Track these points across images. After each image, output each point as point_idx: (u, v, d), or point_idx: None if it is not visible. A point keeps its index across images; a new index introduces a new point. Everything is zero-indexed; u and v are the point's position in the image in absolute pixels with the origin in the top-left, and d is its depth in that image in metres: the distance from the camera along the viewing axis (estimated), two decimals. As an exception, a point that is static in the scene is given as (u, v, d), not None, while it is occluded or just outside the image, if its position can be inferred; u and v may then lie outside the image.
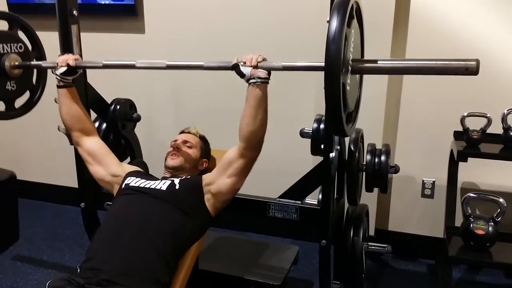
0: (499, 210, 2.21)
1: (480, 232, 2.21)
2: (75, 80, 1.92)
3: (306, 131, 2.16)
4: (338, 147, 2.00)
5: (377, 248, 2.24)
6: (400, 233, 2.82)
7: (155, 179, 1.91)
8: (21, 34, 2.05)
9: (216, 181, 1.78)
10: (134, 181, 1.86)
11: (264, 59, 1.60)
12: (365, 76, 2.54)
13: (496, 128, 2.30)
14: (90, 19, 2.79)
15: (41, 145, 3.40)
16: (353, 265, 2.14)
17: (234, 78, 2.78)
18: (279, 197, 2.10)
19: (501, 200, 2.21)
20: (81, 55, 2.14)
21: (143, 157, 2.50)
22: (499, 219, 2.22)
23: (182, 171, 1.96)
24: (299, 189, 2.08)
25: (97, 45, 2.90)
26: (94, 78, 2.21)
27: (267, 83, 1.60)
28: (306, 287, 2.55)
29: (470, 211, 2.27)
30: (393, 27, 2.47)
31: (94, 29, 2.93)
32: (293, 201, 2.07)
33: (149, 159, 2.49)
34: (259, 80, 1.58)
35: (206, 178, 1.83)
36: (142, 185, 1.83)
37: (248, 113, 1.63)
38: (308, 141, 2.15)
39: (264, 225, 3.03)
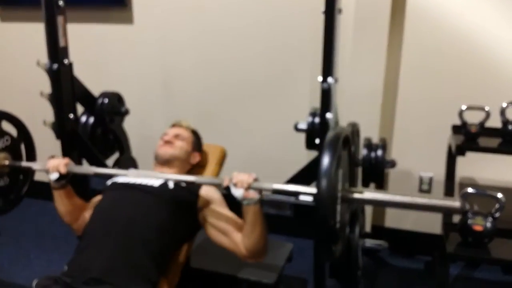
0: (497, 205, 2.17)
1: (478, 228, 2.17)
2: (68, 181, 1.85)
3: (300, 125, 2.11)
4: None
5: (374, 244, 2.20)
6: (397, 229, 2.79)
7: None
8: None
9: (215, 230, 1.76)
10: (122, 178, 1.82)
11: (255, 179, 1.59)
12: (361, 67, 2.51)
13: (495, 122, 2.26)
14: (76, 10, 2.71)
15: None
16: (349, 262, 2.10)
17: (225, 71, 2.75)
18: (273, 193, 2.05)
19: (499, 195, 2.17)
20: (67, 47, 2.08)
21: (132, 152, 2.44)
22: (497, 215, 2.17)
23: (173, 163, 1.91)
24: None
25: (84, 36, 2.83)
26: (81, 71, 2.15)
27: (260, 202, 1.62)
28: (301, 285, 2.52)
29: (468, 207, 2.22)
30: (390, 20, 2.42)
31: (81, 20, 2.86)
32: (287, 197, 2.03)
33: (139, 154, 2.44)
34: (251, 201, 1.59)
35: (206, 208, 1.79)
36: (131, 181, 1.79)
37: (247, 228, 1.65)
38: (302, 135, 2.10)
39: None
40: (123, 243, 1.61)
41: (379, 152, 2.07)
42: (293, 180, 2.03)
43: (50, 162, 1.79)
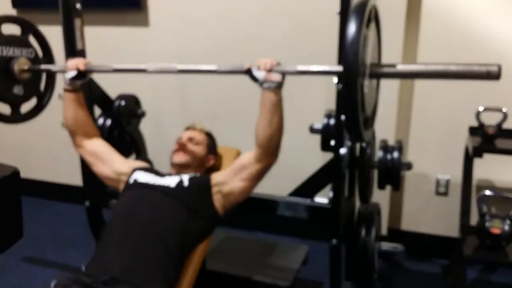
0: (516, 208, 2.14)
1: (496, 231, 2.15)
2: (84, 85, 1.88)
3: (316, 126, 2.10)
4: (349, 143, 1.94)
5: (390, 248, 2.18)
6: (414, 232, 2.76)
7: (163, 175, 1.86)
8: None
9: (228, 183, 1.75)
10: (142, 177, 1.83)
11: (278, 64, 1.57)
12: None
13: (513, 123, 2.23)
14: (93, 13, 2.75)
15: (45, 143, 3.37)
16: (364, 265, 2.09)
17: (240, 75, 2.74)
18: (288, 195, 2.05)
19: (518, 197, 2.15)
20: (84, 50, 2.11)
21: (148, 154, 2.45)
22: (516, 218, 2.15)
23: (189, 168, 1.92)
24: (309, 187, 2.04)
25: (101, 39, 2.86)
26: (98, 74, 2.16)
27: (281, 87, 1.58)
28: (316, 288, 2.50)
29: (485, 210, 2.21)
30: (405, 27, 2.42)
31: (97, 23, 2.89)
32: (302, 199, 2.03)
33: (155, 156, 2.45)
34: (273, 84, 1.56)
35: (215, 177, 1.79)
36: (150, 182, 1.80)
37: (263, 118, 1.61)
38: (318, 137, 2.09)
39: (273, 224, 2.97)
40: (142, 244, 1.61)
41: (395, 154, 2.06)
42: (309, 181, 2.04)
43: (70, 61, 1.82)
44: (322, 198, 2.04)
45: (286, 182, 2.14)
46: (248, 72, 1.57)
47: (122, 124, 2.27)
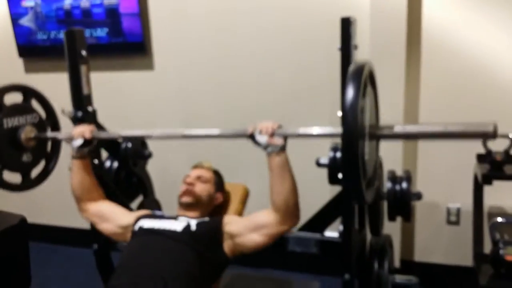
0: (530, 234, 2.12)
1: (511, 258, 2.11)
2: (91, 151, 1.90)
3: (322, 161, 2.10)
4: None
5: (404, 280, 2.14)
6: (427, 263, 2.72)
7: (170, 218, 1.86)
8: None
9: (242, 235, 1.71)
10: (147, 223, 1.82)
11: (279, 126, 1.59)
12: (380, 98, 2.50)
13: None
14: (99, 59, 2.80)
15: (52, 186, 3.36)
16: (379, 299, 2.04)
17: (244, 111, 2.78)
18: (298, 230, 2.03)
19: (531, 223, 2.12)
20: (90, 95, 2.14)
21: (155, 194, 2.45)
22: (530, 244, 2.12)
23: (197, 206, 1.91)
24: (318, 221, 2.02)
25: (107, 83, 2.91)
26: (104, 115, 2.19)
27: (284, 149, 1.59)
28: (330, 325, 2.44)
29: (498, 237, 2.17)
30: (406, 51, 2.44)
31: (103, 68, 2.95)
32: (312, 234, 2.00)
33: (162, 196, 2.45)
34: (276, 148, 1.58)
35: (227, 224, 1.76)
36: (156, 227, 1.79)
37: (275, 183, 1.60)
38: (324, 170, 2.09)
39: (283, 260, 2.93)
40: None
41: (404, 185, 2.04)
42: (319, 215, 2.02)
43: (75, 129, 1.83)
44: (332, 232, 2.01)
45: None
46: (251, 137, 1.60)
47: (129, 165, 2.27)
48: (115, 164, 2.28)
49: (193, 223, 1.78)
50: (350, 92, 1.26)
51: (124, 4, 2.81)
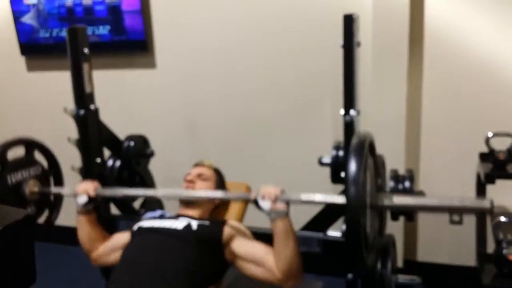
0: (534, 234, 2.10)
1: (514, 258, 2.10)
2: (96, 207, 1.90)
3: (324, 160, 2.09)
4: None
5: (407, 280, 2.13)
6: (430, 263, 2.71)
7: (170, 218, 1.86)
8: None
9: (242, 260, 1.71)
10: (146, 223, 1.83)
11: (282, 191, 1.60)
12: (382, 98, 2.51)
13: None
14: (101, 57, 2.80)
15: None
16: (382, 299, 2.03)
17: (246, 110, 2.77)
18: (300, 229, 2.02)
19: (535, 223, 2.11)
20: (93, 93, 2.13)
21: (158, 193, 2.45)
22: (534, 244, 2.11)
23: (197, 204, 1.91)
24: (321, 220, 2.02)
25: (109, 81, 2.91)
26: (107, 115, 2.19)
27: (288, 215, 1.60)
28: (333, 325, 2.43)
29: (502, 236, 2.16)
30: (409, 49, 2.43)
31: (105, 66, 2.94)
32: (315, 233, 2.00)
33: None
34: (279, 214, 1.58)
35: (230, 237, 1.74)
36: (155, 225, 1.79)
37: (278, 246, 1.61)
38: (327, 169, 2.08)
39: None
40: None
41: (407, 184, 2.03)
42: (321, 214, 2.01)
43: (79, 186, 1.84)
44: (335, 232, 2.01)
45: (297, 216, 2.12)
46: (254, 202, 1.61)
47: (131, 165, 2.27)
48: (118, 163, 2.28)
49: (194, 223, 1.77)
50: (353, 167, 1.36)
51: (126, 1, 2.81)
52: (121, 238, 1.89)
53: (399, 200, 1.54)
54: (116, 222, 2.20)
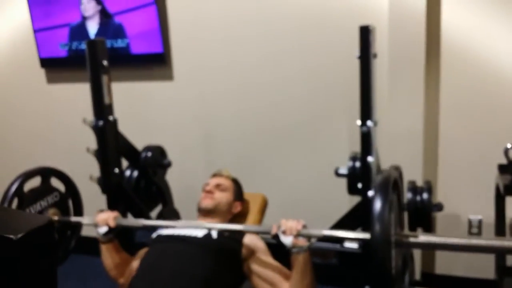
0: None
1: (535, 271, 2.07)
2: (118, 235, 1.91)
3: (341, 171, 2.09)
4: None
5: (425, 293, 2.11)
6: (448, 276, 2.67)
7: (189, 226, 1.86)
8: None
9: (261, 280, 1.72)
10: (165, 231, 1.84)
11: (304, 226, 1.60)
12: (399, 109, 2.49)
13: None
14: (120, 69, 2.84)
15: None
16: (400, 312, 2.01)
17: (263, 120, 2.77)
18: (317, 241, 2.01)
19: (556, 236, 2.07)
20: (111, 104, 2.16)
21: (174, 203, 2.46)
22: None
23: (216, 214, 1.92)
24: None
25: (128, 93, 2.95)
26: (125, 126, 2.22)
27: (308, 249, 1.61)
28: (350, 337, 2.41)
29: (522, 249, 2.12)
30: (425, 60, 2.42)
31: (124, 79, 2.98)
32: (332, 244, 1.99)
33: (181, 205, 2.46)
34: (301, 249, 1.59)
35: (251, 256, 1.76)
36: (175, 233, 1.80)
37: (295, 277, 1.62)
38: (343, 180, 2.07)
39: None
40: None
41: (425, 196, 2.01)
42: (338, 226, 2.00)
43: (99, 216, 1.83)
44: (352, 243, 2.00)
45: (313, 227, 2.11)
46: (275, 237, 1.60)
47: (148, 175, 2.29)
48: (135, 173, 2.30)
49: (214, 232, 1.78)
50: (378, 205, 1.35)
51: (145, 16, 2.85)
52: (143, 253, 1.90)
53: (424, 238, 1.53)
54: (132, 233, 2.22)
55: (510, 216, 2.41)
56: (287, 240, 1.56)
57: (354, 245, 1.98)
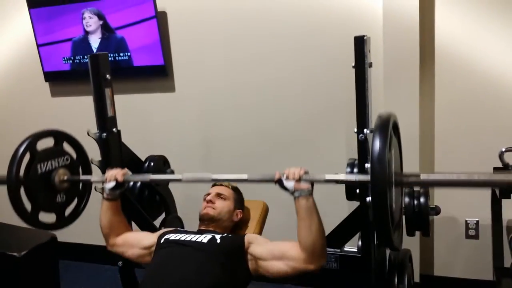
0: (550, 247, 2.11)
1: (532, 272, 2.10)
2: (122, 193, 1.95)
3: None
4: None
5: (424, 294, 2.14)
6: (447, 277, 2.71)
7: (195, 232, 1.90)
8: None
9: (267, 260, 1.73)
10: (173, 235, 1.87)
11: (306, 172, 1.63)
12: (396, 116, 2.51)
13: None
14: (122, 82, 2.89)
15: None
16: (399, 314, 2.04)
17: (266, 131, 2.82)
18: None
19: (551, 236, 2.11)
20: (115, 116, 2.21)
21: (177, 211, 2.50)
22: (551, 257, 2.11)
23: (217, 222, 1.96)
24: (337, 236, 2.04)
25: (130, 105, 3.00)
26: (128, 136, 2.26)
27: (311, 194, 1.62)
28: None
29: (519, 250, 2.17)
30: (420, 67, 2.47)
31: (127, 91, 3.03)
32: (332, 249, 2.02)
33: (184, 213, 2.50)
34: (303, 192, 1.61)
35: (251, 243, 1.79)
36: (182, 238, 1.83)
37: (302, 225, 1.63)
38: (342, 186, 2.12)
39: (303, 276, 2.93)
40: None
41: (422, 199, 2.05)
42: (337, 230, 2.04)
43: (108, 172, 1.89)
44: (351, 248, 2.04)
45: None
46: (279, 182, 1.63)
47: (152, 184, 2.33)
48: (139, 183, 2.34)
49: (218, 237, 1.82)
50: (377, 145, 1.34)
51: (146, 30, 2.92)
52: (145, 238, 1.94)
53: (425, 177, 1.50)
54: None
55: (506, 218, 2.45)
56: (289, 184, 1.60)
57: (353, 249, 2.02)
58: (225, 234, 1.88)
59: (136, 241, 1.94)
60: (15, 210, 1.76)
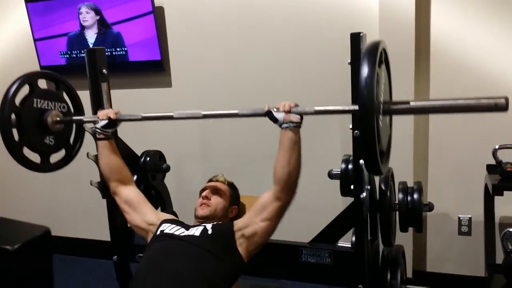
0: (542, 244, 2.13)
1: (523, 268, 2.12)
2: (114, 133, 1.97)
3: (334, 172, 2.14)
4: (369, 187, 1.98)
5: (416, 290, 2.16)
6: (439, 273, 2.73)
7: (189, 226, 1.91)
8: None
9: (250, 225, 1.77)
10: (169, 228, 1.87)
11: (296, 105, 1.64)
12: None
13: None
14: (119, 76, 2.90)
15: (73, 199, 3.46)
16: (392, 309, 2.06)
17: (261, 125, 2.82)
18: (311, 241, 2.07)
19: (542, 233, 2.13)
20: (111, 112, 2.21)
21: (173, 206, 2.52)
22: (542, 254, 2.13)
23: (212, 219, 1.97)
24: (331, 232, 2.05)
25: (127, 101, 2.98)
26: (124, 131, 2.27)
27: (300, 127, 1.64)
28: (345, 335, 2.46)
29: (510, 247, 2.18)
30: (415, 64, 2.49)
31: (123, 86, 3.04)
32: (325, 244, 2.04)
33: (179, 208, 2.51)
34: (292, 124, 1.62)
35: (237, 223, 1.83)
36: (176, 232, 1.84)
37: (282, 155, 1.66)
38: (336, 182, 2.13)
39: (297, 271, 2.97)
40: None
41: (415, 196, 2.06)
42: (331, 226, 2.05)
43: (100, 112, 1.91)
44: (345, 243, 2.05)
45: (308, 228, 2.17)
46: (268, 113, 1.64)
47: (147, 179, 2.34)
48: (135, 177, 2.33)
49: (209, 227, 1.84)
50: (366, 66, 1.29)
51: (143, 25, 2.92)
52: (150, 213, 1.96)
53: (414, 104, 1.50)
54: (132, 234, 2.27)
55: (498, 215, 2.48)
56: (279, 115, 1.62)
57: (347, 245, 2.04)
58: (216, 223, 1.90)
59: (141, 210, 1.95)
60: (2, 134, 1.76)
